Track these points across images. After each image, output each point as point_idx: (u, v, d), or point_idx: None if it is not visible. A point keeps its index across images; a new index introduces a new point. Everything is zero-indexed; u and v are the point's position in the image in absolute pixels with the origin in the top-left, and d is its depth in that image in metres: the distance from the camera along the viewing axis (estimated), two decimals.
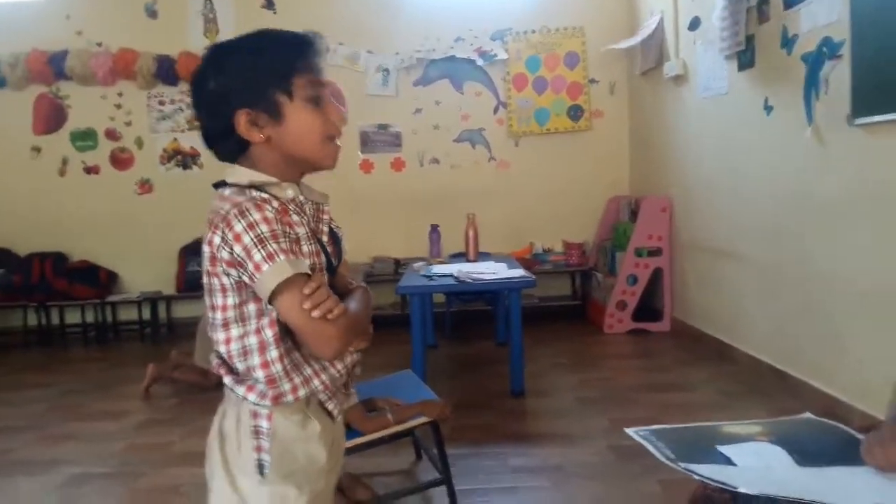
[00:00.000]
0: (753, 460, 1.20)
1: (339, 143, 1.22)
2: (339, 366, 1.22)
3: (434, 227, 4.55)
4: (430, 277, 3.72)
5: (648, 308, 5.00)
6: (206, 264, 1.13)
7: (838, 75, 2.90)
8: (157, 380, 3.97)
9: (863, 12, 2.71)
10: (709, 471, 1.12)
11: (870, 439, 1.17)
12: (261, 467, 1.15)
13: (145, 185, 5.71)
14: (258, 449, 1.16)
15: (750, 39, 3.63)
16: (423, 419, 2.31)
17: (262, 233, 1.06)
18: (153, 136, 5.66)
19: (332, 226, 1.27)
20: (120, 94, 5.62)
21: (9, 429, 3.48)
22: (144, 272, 5.68)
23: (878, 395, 2.56)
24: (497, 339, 4.74)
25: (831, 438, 1.31)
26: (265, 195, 1.13)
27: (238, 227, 1.07)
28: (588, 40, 5.54)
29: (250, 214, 1.07)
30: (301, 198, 1.19)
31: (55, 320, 5.60)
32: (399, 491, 2.41)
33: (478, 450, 2.88)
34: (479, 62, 5.55)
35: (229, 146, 1.17)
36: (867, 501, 0.96)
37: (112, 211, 5.66)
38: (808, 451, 1.22)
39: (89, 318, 5.60)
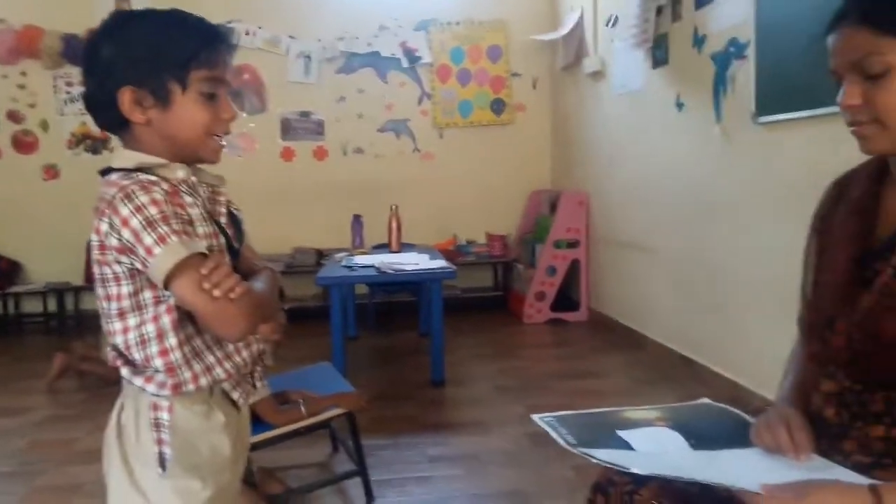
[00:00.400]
0: (651, 444, 1.23)
1: (224, 141, 1.19)
2: (245, 353, 1.20)
3: (357, 218, 4.52)
4: (351, 268, 3.69)
5: (566, 298, 5.12)
6: (96, 254, 1.08)
7: (744, 75, 3.04)
8: (65, 371, 3.79)
9: (767, 15, 2.84)
10: (605, 455, 1.14)
11: (759, 422, 1.23)
12: (162, 461, 1.12)
13: (51, 171, 5.42)
14: (159, 442, 1.12)
15: (663, 38, 3.75)
16: (337, 411, 2.29)
17: (151, 215, 1.02)
18: (60, 118, 5.38)
19: (231, 208, 1.24)
20: (23, 74, 5.31)
21: None
22: (50, 262, 5.39)
23: (775, 382, 2.70)
24: (420, 330, 4.75)
25: (726, 422, 1.36)
26: (153, 177, 1.08)
27: (125, 212, 1.02)
28: (510, 34, 5.60)
29: (137, 197, 1.03)
30: (193, 178, 1.15)
31: None
32: (313, 484, 2.39)
33: (396, 440, 2.89)
34: (405, 63, 5.52)
35: (108, 118, 1.12)
36: (754, 481, 1.01)
37: (14, 197, 5.34)
38: (703, 435, 1.26)
39: None
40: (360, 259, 3.92)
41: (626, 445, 1.22)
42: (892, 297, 1.02)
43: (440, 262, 3.75)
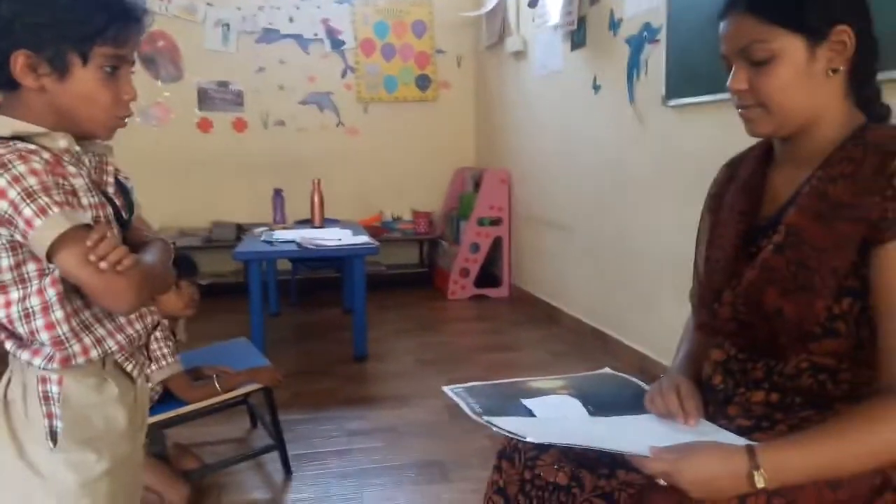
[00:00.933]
0: (552, 412, 1.29)
1: (125, 120, 1.15)
2: (138, 325, 1.18)
3: (278, 192, 4.45)
4: (270, 243, 3.65)
5: (489, 275, 5.21)
6: None
7: (656, 59, 3.14)
8: None
9: (679, 1, 2.94)
10: (505, 423, 1.17)
11: (651, 389, 1.30)
12: (53, 434, 1.10)
13: None
14: (49, 415, 1.10)
15: (582, 20, 3.83)
16: (252, 386, 2.28)
17: (30, 186, 0.99)
18: None
19: (120, 177, 1.21)
20: None
21: None
22: None
23: None
24: (344, 306, 4.74)
25: (624, 391, 1.42)
26: (32, 146, 1.04)
27: (1, 183, 0.98)
28: (435, 10, 5.59)
29: (14, 167, 0.99)
30: (77, 148, 1.11)
31: None
32: (229, 459, 2.38)
33: (316, 415, 2.90)
34: (327, 47, 5.44)
35: None
36: (644, 445, 1.07)
37: None
38: (602, 403, 1.33)
39: None
40: (281, 234, 3.88)
41: (530, 413, 1.27)
42: (773, 272, 1.09)
43: (363, 238, 3.75)
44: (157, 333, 2.04)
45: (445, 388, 1.42)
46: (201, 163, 5.31)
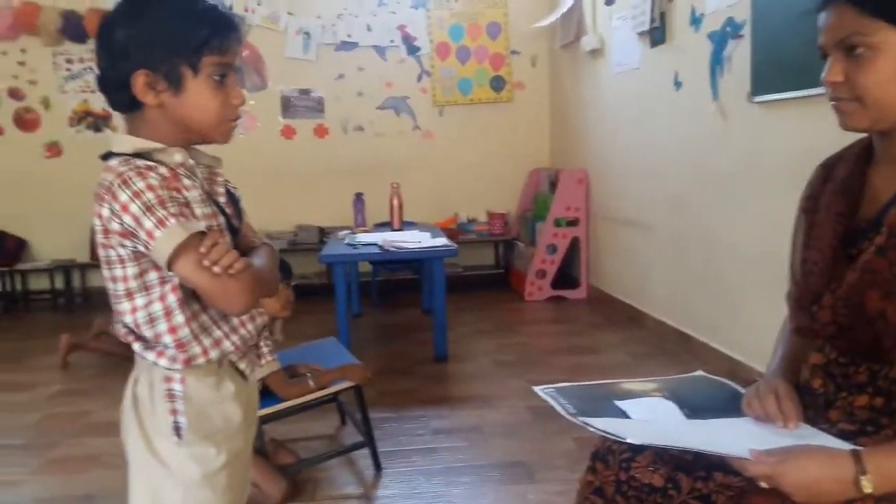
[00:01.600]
0: (647, 414, 1.29)
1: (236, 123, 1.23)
2: (250, 326, 1.25)
3: (358, 196, 4.56)
4: (354, 246, 3.75)
5: (566, 276, 5.19)
6: (100, 237, 1.13)
7: (740, 54, 3.07)
8: (74, 350, 3.85)
9: None
10: (603, 423, 1.18)
11: (749, 392, 1.29)
12: (177, 429, 1.17)
13: (53, 148, 5.45)
14: (173, 412, 1.18)
15: (661, 17, 3.78)
16: (345, 384, 2.37)
17: (149, 200, 1.06)
18: (61, 96, 5.39)
19: (229, 187, 1.28)
20: (23, 51, 5.32)
21: None
22: (56, 239, 5.45)
23: (768, 355, 2.77)
24: (422, 307, 4.82)
25: (719, 394, 1.41)
26: (150, 162, 1.12)
27: (123, 198, 1.06)
28: (510, 11, 5.60)
29: (134, 183, 1.07)
30: (190, 161, 1.18)
31: None
32: (322, 454, 2.47)
33: (401, 413, 2.97)
34: (403, 53, 5.53)
35: (122, 100, 1.15)
36: (743, 447, 1.07)
37: (18, 175, 5.37)
38: (698, 406, 1.32)
39: None
40: (363, 237, 3.98)
41: (624, 415, 1.28)
42: (875, 274, 1.07)
43: (442, 240, 3.81)
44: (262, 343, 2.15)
45: (536, 389, 1.44)
46: (285, 169, 5.50)
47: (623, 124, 4.42)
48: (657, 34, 3.84)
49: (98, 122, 5.43)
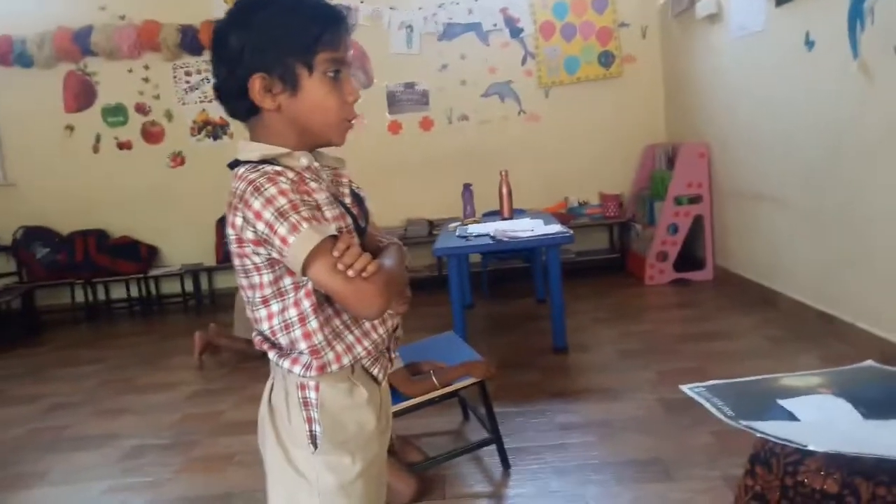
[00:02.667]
0: (817, 414, 1.16)
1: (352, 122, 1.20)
2: (381, 330, 1.22)
3: (466, 187, 4.50)
4: (466, 238, 3.69)
5: (690, 257, 4.92)
6: (234, 246, 1.12)
7: (885, 5, 2.75)
8: (206, 348, 4.03)
9: None
10: (772, 428, 1.08)
11: None
12: (313, 438, 1.16)
13: (177, 158, 5.74)
14: (309, 420, 1.16)
15: None
16: (469, 380, 2.31)
17: (282, 206, 1.04)
18: (182, 107, 5.67)
19: (353, 187, 1.25)
20: (146, 67, 5.62)
21: (64, 405, 3.59)
22: (184, 245, 5.75)
23: None
24: (536, 295, 4.72)
25: None
26: (278, 167, 1.10)
27: (256, 205, 1.05)
28: None
29: (266, 190, 1.05)
30: (316, 164, 1.16)
31: (101, 296, 5.74)
32: (451, 452, 2.43)
33: (524, 408, 2.89)
34: (507, 35, 5.41)
35: (240, 107, 1.15)
36: None
37: (147, 185, 5.71)
38: (875, 403, 1.17)
39: (133, 292, 5.72)
40: (474, 228, 3.91)
41: (790, 416, 1.15)
42: None
43: (556, 227, 3.68)
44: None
45: (684, 388, 1.33)
46: (393, 164, 5.54)
47: (747, 92, 4.11)
48: None
49: (216, 131, 5.67)
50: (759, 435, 1.08)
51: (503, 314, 4.60)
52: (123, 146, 5.73)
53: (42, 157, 5.70)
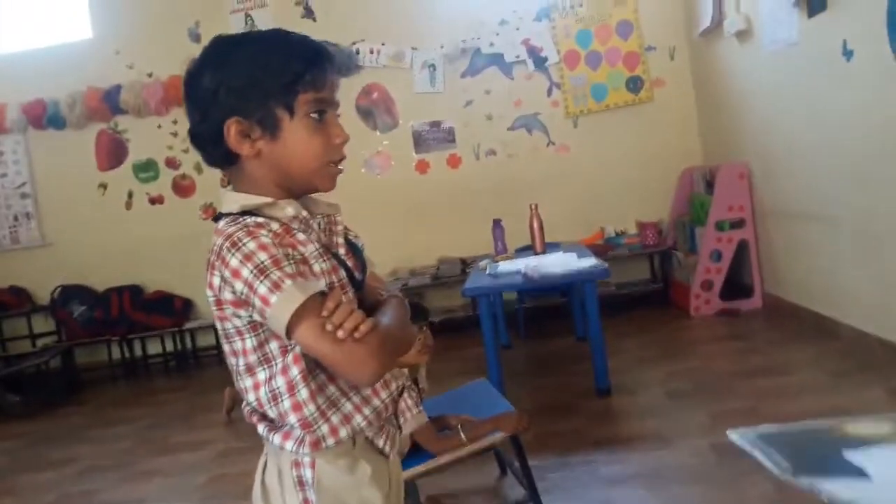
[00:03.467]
0: (892, 472, 0.98)
1: (341, 166, 1.09)
2: (383, 394, 1.09)
3: (497, 223, 4.37)
4: (495, 276, 3.55)
5: (737, 285, 4.67)
6: (214, 310, 1.02)
7: None
8: (236, 402, 3.94)
9: None
10: (839, 488, 0.90)
11: None
12: None
13: (209, 210, 5.75)
14: (305, 502, 1.05)
15: None
16: (498, 435, 2.15)
17: (262, 262, 0.94)
18: None
19: (349, 236, 1.14)
20: (175, 122, 5.67)
21: (96, 468, 3.53)
22: None
23: None
24: (576, 333, 4.52)
25: None
26: (260, 219, 1.00)
27: (234, 262, 0.95)
28: (640, 6, 5.24)
29: (244, 245, 0.96)
30: (304, 213, 1.06)
31: (138, 352, 5.72)
32: None
33: (565, 459, 2.70)
34: (531, 66, 5.33)
35: (216, 154, 1.05)
36: None
37: (179, 238, 5.70)
38: None
39: (169, 346, 5.69)
40: (505, 265, 3.77)
41: (859, 472, 0.97)
42: None
43: (591, 261, 3.50)
44: (406, 395, 2.00)
45: (732, 434, 1.15)
46: (422, 203, 5.45)
47: (785, 107, 3.92)
48: (815, 2, 3.37)
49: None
50: (822, 497, 0.91)
51: (541, 354, 4.41)
52: (155, 201, 5.77)
53: (77, 215, 5.77)
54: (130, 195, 5.77)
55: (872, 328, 3.33)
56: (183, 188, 5.76)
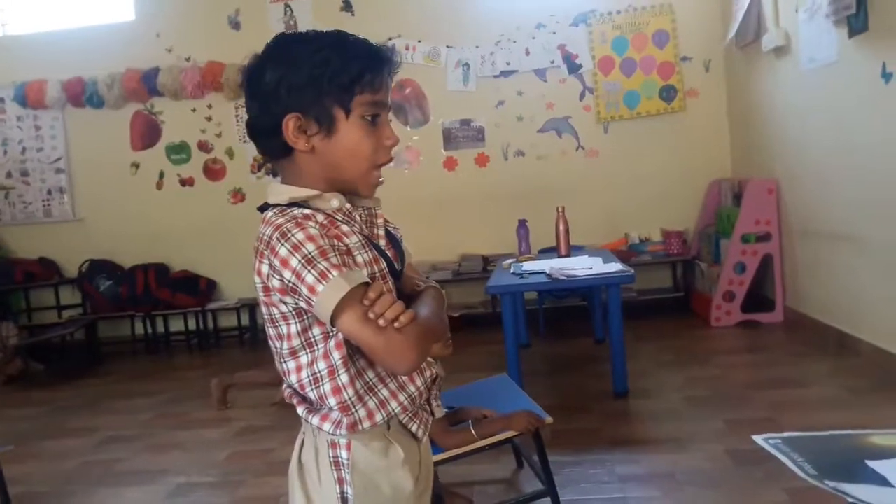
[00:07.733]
0: None
1: (383, 174, 1.13)
2: (418, 382, 1.13)
3: (522, 223, 4.41)
4: (520, 275, 3.59)
5: (759, 298, 4.68)
6: (261, 295, 1.07)
7: None
8: (227, 392, 3.97)
9: None
10: (867, 493, 0.94)
11: None
12: (344, 501, 1.08)
13: (238, 195, 5.84)
14: (340, 481, 1.09)
15: (861, 1, 3.30)
16: (508, 433, 2.18)
17: (309, 252, 0.99)
18: (243, 145, 5.78)
19: (389, 228, 1.18)
20: (209, 107, 5.77)
21: (119, 438, 3.61)
22: (241, 279, 5.79)
23: None
24: (595, 336, 4.55)
25: None
26: (307, 211, 1.05)
27: (283, 252, 1.00)
28: (678, 17, 5.25)
29: (293, 235, 1.00)
30: (348, 206, 1.10)
31: (160, 329, 5.82)
32: (500, 503, 2.30)
33: (581, 457, 2.73)
34: (564, 72, 5.36)
35: (272, 145, 1.10)
36: None
37: (207, 220, 5.81)
38: None
39: (191, 325, 5.79)
40: (529, 265, 3.81)
41: (882, 480, 1.01)
42: None
43: (616, 266, 3.54)
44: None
45: (758, 439, 1.20)
46: (448, 200, 5.50)
47: (818, 126, 3.92)
48: (856, 22, 3.36)
49: (276, 168, 5.73)
50: (850, 501, 0.94)
51: (560, 355, 4.44)
52: (186, 182, 5.87)
53: (109, 193, 5.89)
54: (162, 175, 5.88)
55: (892, 346, 3.33)
56: (213, 172, 5.85)
